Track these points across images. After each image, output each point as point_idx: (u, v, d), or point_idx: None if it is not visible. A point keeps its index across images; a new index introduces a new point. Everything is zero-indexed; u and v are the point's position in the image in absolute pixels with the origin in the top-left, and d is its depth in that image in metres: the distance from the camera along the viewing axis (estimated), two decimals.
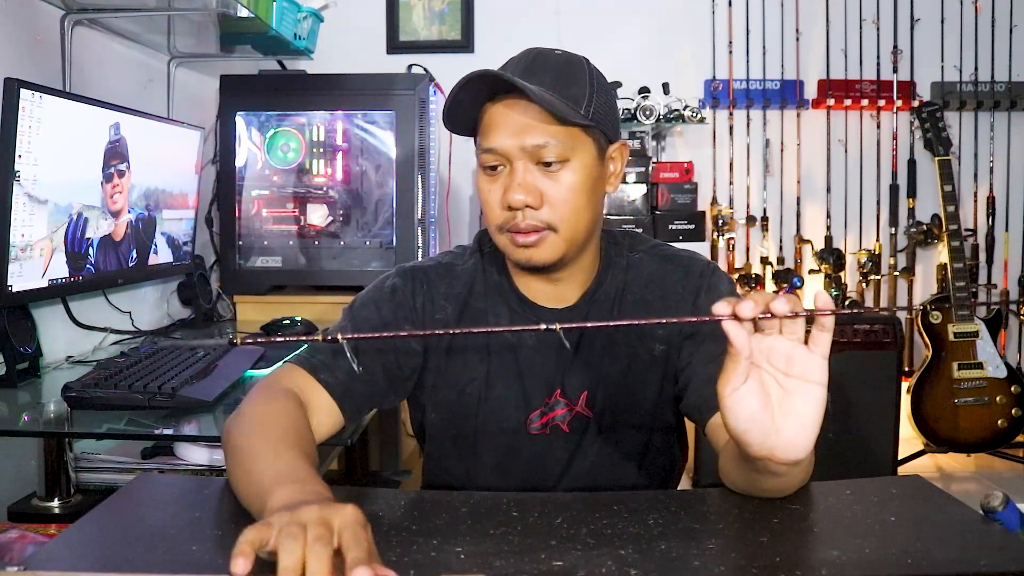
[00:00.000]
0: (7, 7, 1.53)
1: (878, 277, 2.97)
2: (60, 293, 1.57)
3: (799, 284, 2.90)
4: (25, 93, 1.34)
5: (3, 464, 1.40)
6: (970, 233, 2.95)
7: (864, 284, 2.98)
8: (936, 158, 2.74)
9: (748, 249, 3.01)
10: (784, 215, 3.01)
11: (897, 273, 2.99)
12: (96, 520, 0.71)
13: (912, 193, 2.97)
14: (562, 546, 0.66)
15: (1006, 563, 0.62)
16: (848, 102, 2.95)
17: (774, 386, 0.65)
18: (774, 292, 2.90)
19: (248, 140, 2.26)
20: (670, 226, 2.64)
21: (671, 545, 0.66)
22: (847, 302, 2.91)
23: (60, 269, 1.50)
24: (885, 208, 3.00)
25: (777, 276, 2.94)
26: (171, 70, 2.15)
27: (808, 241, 3.00)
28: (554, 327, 0.61)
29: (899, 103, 2.96)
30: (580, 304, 0.98)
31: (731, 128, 2.98)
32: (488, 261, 1.02)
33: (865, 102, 2.96)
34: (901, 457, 2.63)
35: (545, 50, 0.92)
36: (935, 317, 2.67)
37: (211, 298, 2.26)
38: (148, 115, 1.82)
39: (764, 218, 2.99)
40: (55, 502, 1.26)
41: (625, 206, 2.65)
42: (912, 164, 2.98)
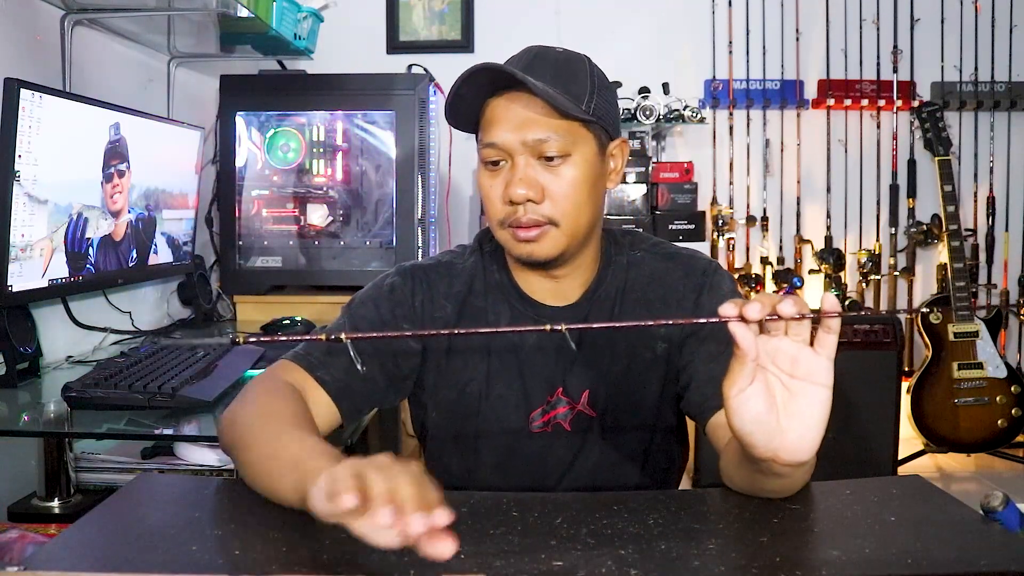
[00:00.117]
0: (7, 7, 1.53)
1: (878, 277, 2.97)
2: (60, 293, 1.57)
3: (799, 284, 2.90)
4: (25, 93, 1.34)
5: (3, 464, 1.40)
6: (970, 233, 2.95)
7: (864, 284, 2.98)
8: (936, 158, 2.74)
9: (748, 249, 3.01)
10: (784, 215, 3.01)
11: (897, 273, 2.99)
12: (96, 520, 0.71)
13: (912, 193, 2.97)
14: (562, 546, 0.65)
15: (1006, 563, 0.62)
16: (848, 102, 2.95)
17: (779, 388, 0.65)
18: (774, 292, 2.90)
19: (248, 140, 2.26)
20: (670, 226, 2.64)
21: (671, 545, 0.66)
22: (847, 302, 2.91)
23: (60, 269, 1.50)
24: (885, 208, 3.00)
25: (777, 276, 2.94)
26: (171, 70, 2.15)
27: (808, 241, 3.00)
28: (560, 328, 0.61)
29: (899, 103, 2.96)
30: (581, 302, 0.98)
31: (731, 128, 2.98)
32: (488, 260, 1.01)
33: (865, 102, 2.95)
34: (901, 457, 2.63)
35: (546, 48, 0.93)
36: (936, 317, 2.67)
37: (211, 298, 2.26)
38: (148, 115, 1.82)
39: (764, 218, 2.99)
40: (55, 502, 1.27)
41: (625, 206, 2.65)
42: (912, 164, 2.97)
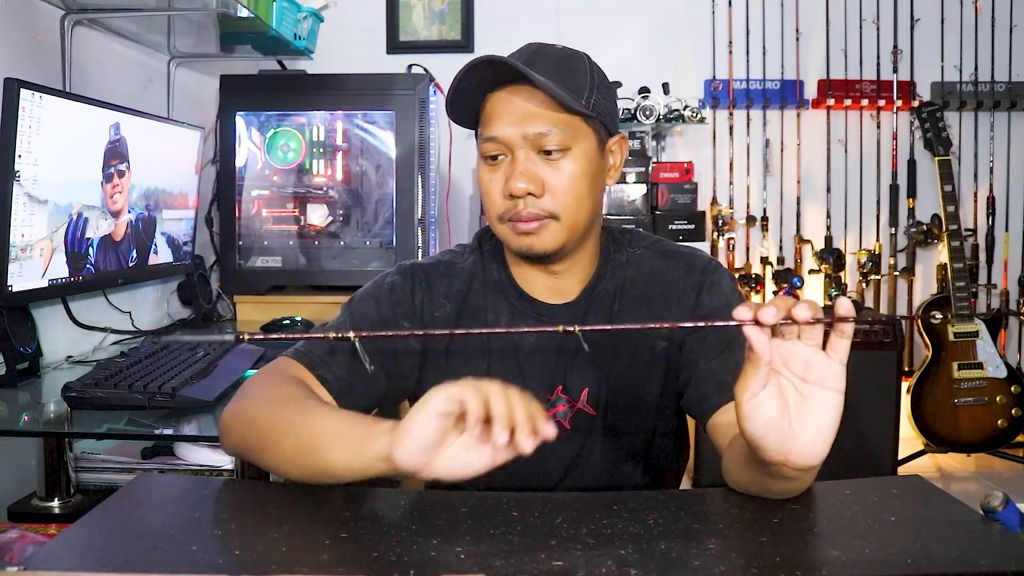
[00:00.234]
0: (7, 7, 1.53)
1: (878, 277, 2.97)
2: (60, 293, 1.57)
3: (799, 284, 2.90)
4: (25, 93, 1.34)
5: (3, 464, 1.40)
6: (970, 233, 2.95)
7: (864, 284, 2.98)
8: (936, 158, 2.74)
9: (748, 249, 3.01)
10: (784, 215, 3.01)
11: (897, 273, 2.99)
12: (96, 520, 0.71)
13: (912, 193, 2.97)
14: (562, 546, 0.65)
15: (1006, 563, 0.62)
16: (848, 102, 2.95)
17: (791, 391, 0.65)
18: (774, 292, 2.90)
19: (248, 140, 2.26)
20: (670, 226, 2.64)
21: (671, 545, 0.66)
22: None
23: (60, 269, 1.50)
24: (885, 208, 3.00)
25: (777, 276, 2.94)
26: (171, 70, 2.15)
27: (808, 241, 3.00)
28: (572, 329, 0.61)
29: (899, 103, 2.96)
30: (580, 300, 0.98)
31: (731, 128, 2.98)
32: (488, 258, 1.01)
33: (865, 102, 2.95)
34: (901, 457, 2.63)
35: (545, 44, 0.93)
36: (935, 317, 2.67)
37: (211, 298, 2.26)
38: (148, 115, 1.82)
39: (764, 218, 2.99)
40: (55, 502, 1.27)
41: (625, 206, 2.65)
42: (912, 164, 2.97)
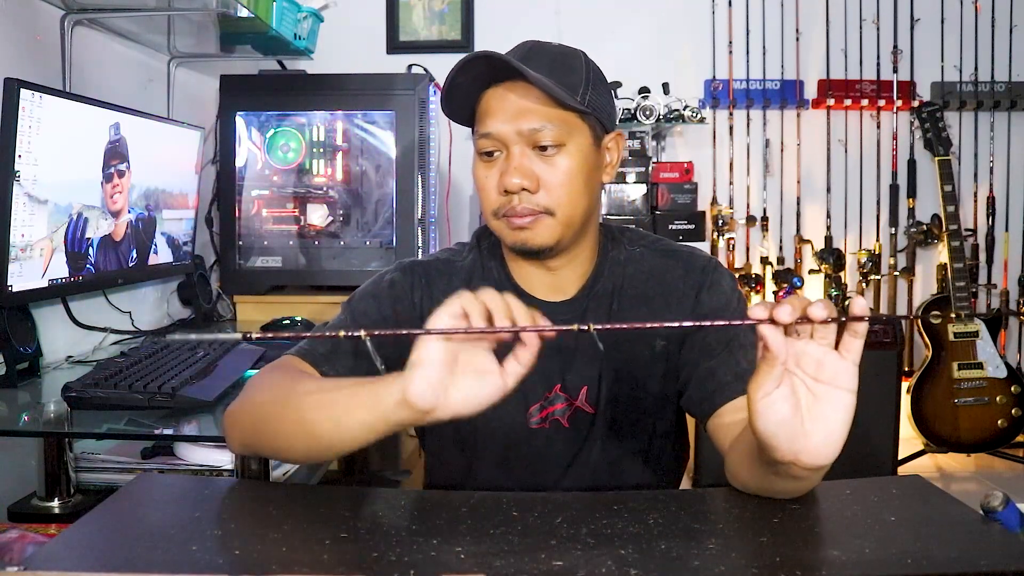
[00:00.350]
0: (7, 7, 1.53)
1: (878, 277, 2.97)
2: (60, 293, 1.57)
3: (799, 284, 2.90)
4: (25, 93, 1.34)
5: (3, 464, 1.40)
6: (970, 233, 2.95)
7: (864, 284, 2.98)
8: (936, 158, 2.74)
9: (748, 249, 3.02)
10: (784, 215, 3.01)
11: (897, 273, 2.99)
12: (96, 520, 0.71)
13: (912, 193, 2.97)
14: (562, 546, 0.65)
15: (1006, 563, 0.62)
16: (848, 102, 2.95)
17: (804, 391, 0.64)
18: (774, 292, 2.90)
19: (248, 140, 2.26)
20: (670, 226, 2.65)
21: (671, 545, 0.66)
22: (846, 303, 2.91)
23: (60, 269, 1.50)
24: (885, 208, 3.00)
25: (777, 276, 2.94)
26: (171, 70, 2.15)
27: (808, 241, 3.00)
28: (586, 328, 0.60)
29: (899, 103, 2.96)
30: (579, 297, 0.98)
31: (731, 128, 2.98)
32: (487, 256, 1.02)
33: (865, 102, 2.95)
34: (901, 457, 2.63)
35: (542, 42, 0.93)
36: (936, 317, 2.67)
37: (211, 298, 2.26)
38: (148, 115, 1.82)
39: (764, 218, 2.99)
40: (55, 502, 1.26)
41: (625, 206, 2.65)
42: (912, 164, 2.97)
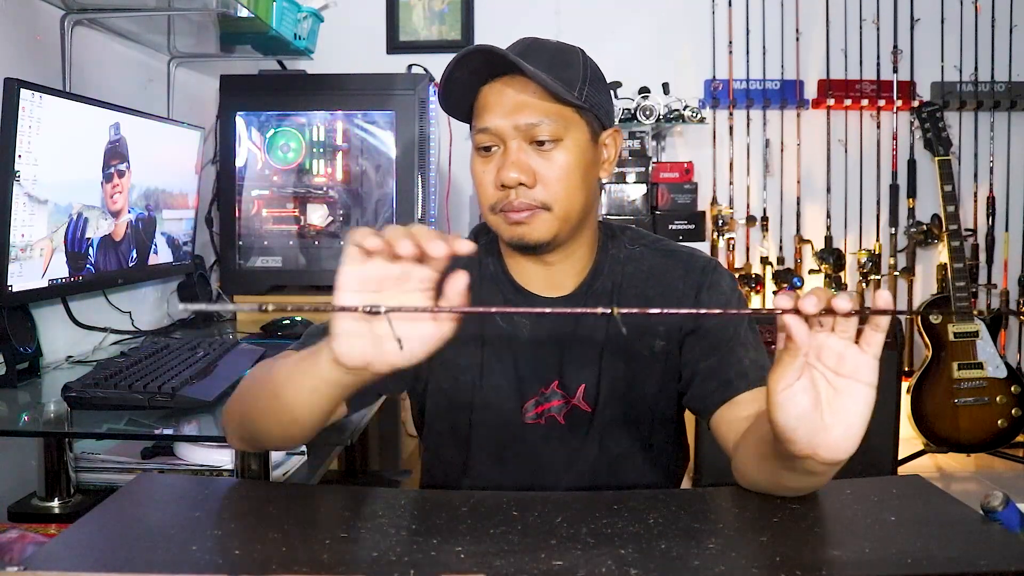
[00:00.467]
0: (7, 7, 1.53)
1: (878, 277, 2.97)
2: (60, 293, 1.57)
3: (799, 284, 2.90)
4: (25, 93, 1.34)
5: (3, 464, 1.40)
6: (970, 233, 2.95)
7: (864, 284, 2.98)
8: (936, 158, 2.74)
9: (748, 249, 3.02)
10: (784, 215, 3.01)
11: (897, 273, 2.99)
12: (96, 520, 0.71)
13: (912, 193, 2.97)
14: (562, 546, 0.65)
15: (1006, 563, 0.62)
16: (848, 102, 2.95)
17: (824, 384, 0.63)
18: (774, 293, 2.90)
19: (248, 140, 2.26)
20: (670, 226, 2.64)
21: (671, 545, 0.66)
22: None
23: (60, 269, 1.50)
24: (885, 208, 3.00)
25: (777, 276, 2.94)
26: (171, 70, 2.15)
27: (808, 241, 3.00)
28: (610, 311, 0.59)
29: (899, 103, 2.96)
30: (576, 294, 0.98)
31: (731, 128, 2.98)
32: (484, 252, 1.02)
33: (865, 102, 2.96)
34: (901, 457, 2.63)
35: (540, 39, 0.93)
36: (936, 317, 2.67)
37: (211, 298, 2.26)
38: (148, 115, 1.82)
39: (764, 218, 2.99)
40: (55, 502, 1.26)
41: (625, 206, 2.65)
42: (912, 164, 2.98)
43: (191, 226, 2.11)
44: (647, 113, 2.68)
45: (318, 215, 2.27)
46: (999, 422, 2.67)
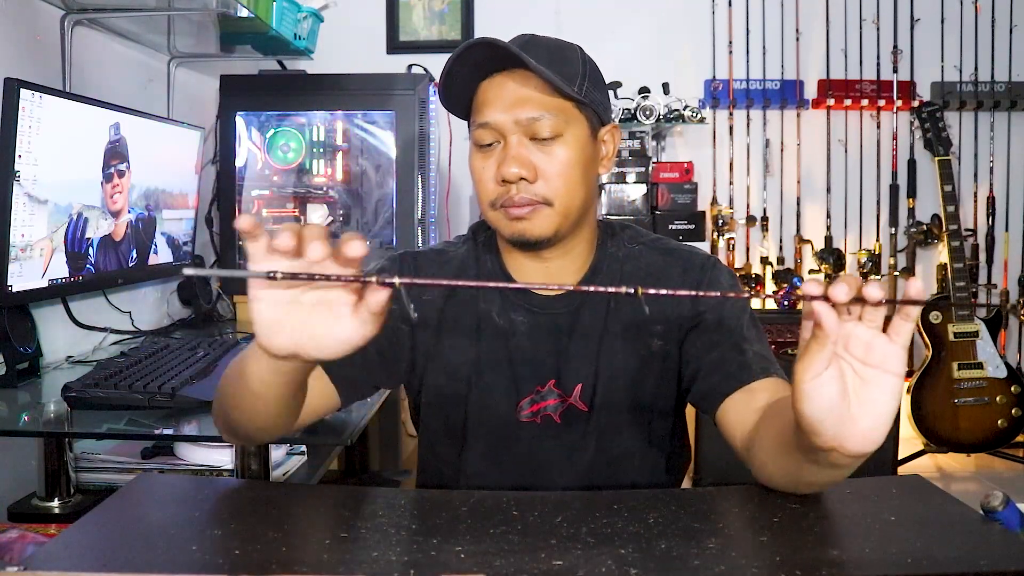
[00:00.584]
0: (7, 7, 1.53)
1: (878, 277, 2.97)
2: (60, 293, 1.57)
3: (799, 284, 2.90)
4: (25, 93, 1.34)
5: (3, 464, 1.40)
6: (970, 233, 2.95)
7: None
8: (936, 158, 2.74)
9: (748, 249, 3.02)
10: (784, 215, 3.01)
11: (897, 273, 2.99)
12: (96, 520, 0.71)
13: (912, 193, 2.97)
14: (562, 546, 0.65)
15: (1006, 563, 0.62)
16: (848, 102, 2.95)
17: (851, 375, 0.61)
18: (774, 293, 2.90)
19: (248, 140, 2.26)
20: (670, 226, 2.65)
21: (671, 544, 0.66)
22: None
23: (60, 269, 1.50)
24: (885, 208, 3.00)
25: (777, 276, 2.94)
26: (171, 70, 2.15)
27: (808, 241, 3.00)
28: (633, 291, 0.57)
29: (899, 103, 2.96)
30: (574, 293, 0.97)
31: (731, 128, 2.98)
32: (482, 249, 1.01)
33: (865, 102, 2.96)
34: (901, 457, 2.63)
35: (538, 35, 0.93)
36: (936, 317, 2.67)
37: (211, 298, 2.26)
38: (148, 115, 1.82)
39: (764, 218, 2.99)
40: (55, 502, 1.27)
41: (625, 206, 2.66)
42: (912, 164, 2.98)
43: (191, 226, 2.11)
44: (647, 113, 2.68)
45: (318, 215, 2.27)
46: (999, 422, 2.67)
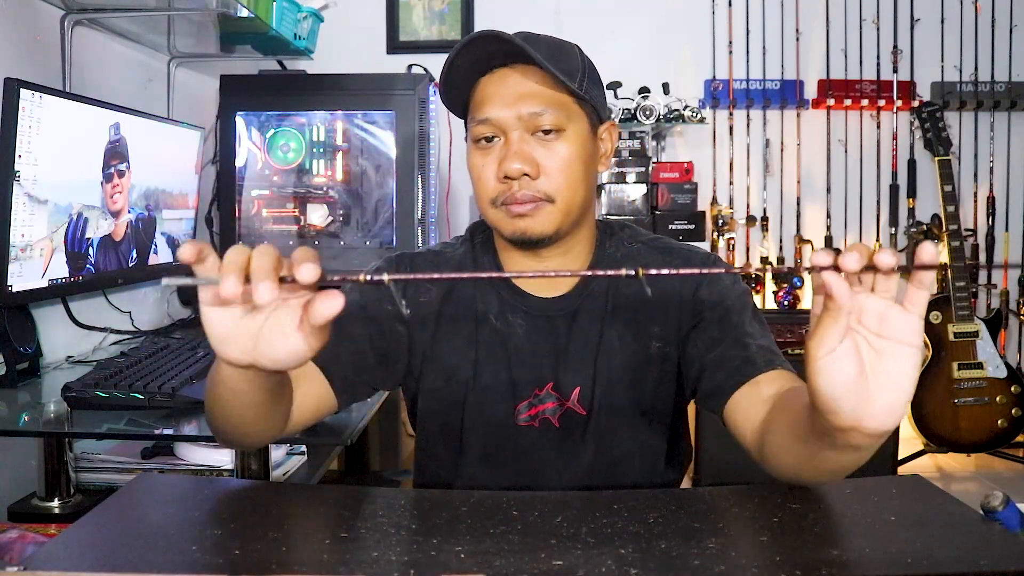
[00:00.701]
0: (7, 7, 1.53)
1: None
2: (60, 293, 1.57)
3: (799, 284, 2.90)
4: (25, 93, 1.34)
5: (3, 464, 1.40)
6: (970, 233, 2.95)
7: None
8: (936, 158, 2.74)
9: (748, 249, 3.01)
10: (784, 215, 3.01)
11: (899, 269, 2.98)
12: (96, 520, 0.71)
13: (912, 193, 2.97)
14: (562, 545, 0.65)
15: (1006, 563, 0.62)
16: (848, 102, 2.95)
17: (866, 348, 0.58)
18: (774, 293, 2.90)
19: (248, 140, 2.26)
20: (670, 226, 2.65)
21: (671, 544, 0.66)
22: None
23: (60, 269, 1.50)
24: (885, 208, 3.00)
25: (777, 276, 2.94)
26: (171, 70, 2.15)
27: (808, 241, 3.00)
28: (633, 272, 0.55)
29: (899, 103, 2.96)
30: (573, 294, 0.97)
31: (731, 128, 2.98)
32: (480, 250, 1.01)
33: (865, 102, 2.95)
34: (901, 457, 2.63)
35: (535, 33, 0.93)
36: (936, 317, 2.67)
37: None
38: (148, 115, 1.82)
39: (764, 218, 2.99)
40: (55, 502, 1.27)
41: (625, 206, 2.65)
42: (912, 164, 2.98)
43: (191, 226, 2.11)
44: (647, 113, 2.68)
45: (318, 215, 2.27)
46: (999, 422, 2.67)
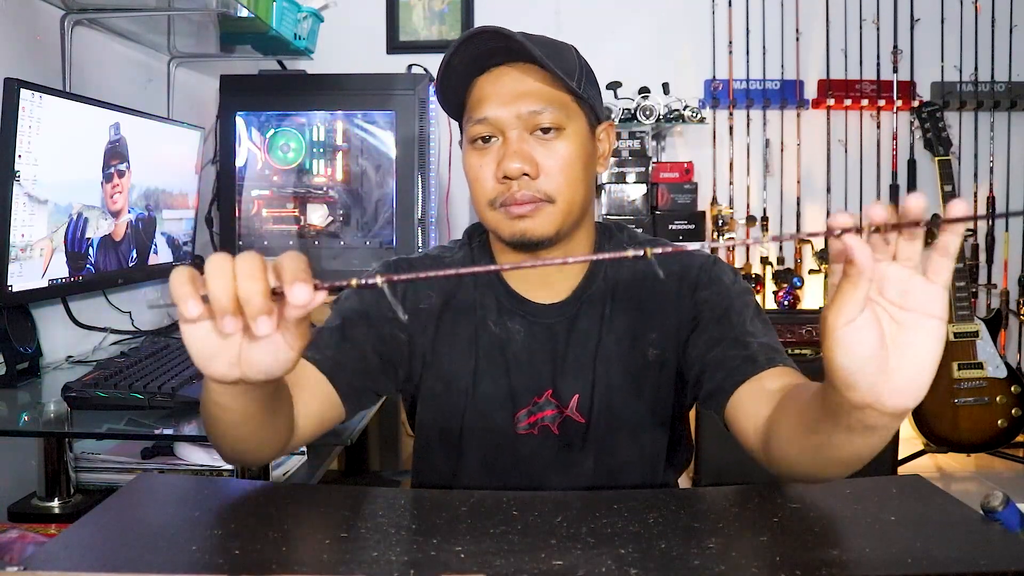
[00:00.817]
0: (7, 7, 1.53)
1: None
2: (60, 293, 1.57)
3: (799, 284, 2.90)
4: (25, 93, 1.34)
5: (3, 464, 1.40)
6: (970, 233, 2.95)
7: None
8: (936, 158, 2.74)
9: (748, 249, 3.02)
10: (784, 215, 3.01)
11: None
12: (96, 520, 0.71)
13: (912, 193, 2.97)
14: (562, 545, 0.65)
15: (1006, 563, 0.62)
16: (848, 102, 2.95)
17: (887, 321, 0.55)
18: (774, 293, 2.90)
19: (248, 140, 2.26)
20: (670, 226, 2.65)
21: (671, 544, 0.66)
22: None
23: (60, 269, 1.50)
24: None
25: (777, 276, 2.94)
26: (171, 70, 2.15)
27: (808, 241, 3.00)
28: (642, 253, 0.53)
29: (899, 103, 2.96)
30: (571, 300, 0.96)
31: (731, 128, 2.98)
32: (478, 253, 1.00)
33: (865, 102, 2.96)
34: (901, 457, 2.63)
35: (530, 33, 0.92)
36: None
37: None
38: (148, 115, 1.82)
39: (764, 218, 2.99)
40: (55, 502, 1.27)
41: (625, 206, 2.65)
42: (912, 164, 2.97)
43: (191, 226, 2.11)
44: (647, 113, 2.68)
45: (318, 215, 2.27)
46: (999, 422, 2.67)
